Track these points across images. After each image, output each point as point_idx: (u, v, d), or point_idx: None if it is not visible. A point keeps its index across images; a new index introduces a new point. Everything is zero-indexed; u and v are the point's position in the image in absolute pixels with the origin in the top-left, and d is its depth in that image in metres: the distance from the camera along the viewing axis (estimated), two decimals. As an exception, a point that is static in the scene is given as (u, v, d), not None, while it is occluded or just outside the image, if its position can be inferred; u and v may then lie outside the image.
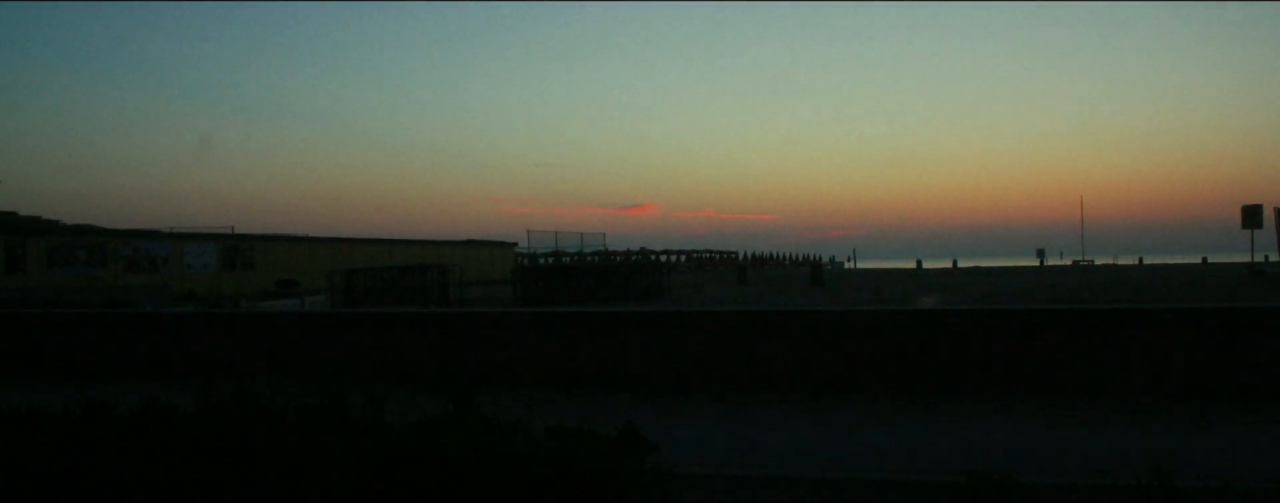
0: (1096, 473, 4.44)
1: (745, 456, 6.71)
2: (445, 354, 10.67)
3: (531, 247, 58.13)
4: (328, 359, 11.08)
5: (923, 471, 6.00)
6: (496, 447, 2.95)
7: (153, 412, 3.49)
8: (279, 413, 3.41)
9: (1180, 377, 8.73)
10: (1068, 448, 6.79)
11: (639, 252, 76.87)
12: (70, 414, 3.50)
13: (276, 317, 12.82)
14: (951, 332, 9.37)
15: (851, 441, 7.33)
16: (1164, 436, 7.39)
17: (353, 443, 3.06)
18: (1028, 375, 9.07)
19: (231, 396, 3.65)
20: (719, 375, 9.81)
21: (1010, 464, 4.20)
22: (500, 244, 71.09)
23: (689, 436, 7.13)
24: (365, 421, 3.30)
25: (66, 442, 3.16)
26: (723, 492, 5.71)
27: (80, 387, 10.71)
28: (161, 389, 6.47)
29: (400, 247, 60.28)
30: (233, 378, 10.94)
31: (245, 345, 11.52)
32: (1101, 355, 8.95)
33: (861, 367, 9.48)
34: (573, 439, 3.07)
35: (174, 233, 47.89)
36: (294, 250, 53.57)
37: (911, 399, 9.02)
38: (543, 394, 9.61)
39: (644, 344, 10.12)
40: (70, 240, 42.63)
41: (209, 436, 3.15)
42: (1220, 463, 6.03)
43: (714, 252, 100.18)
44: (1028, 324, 9.25)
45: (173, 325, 12.09)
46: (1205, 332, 8.78)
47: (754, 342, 9.83)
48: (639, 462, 3.04)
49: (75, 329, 12.37)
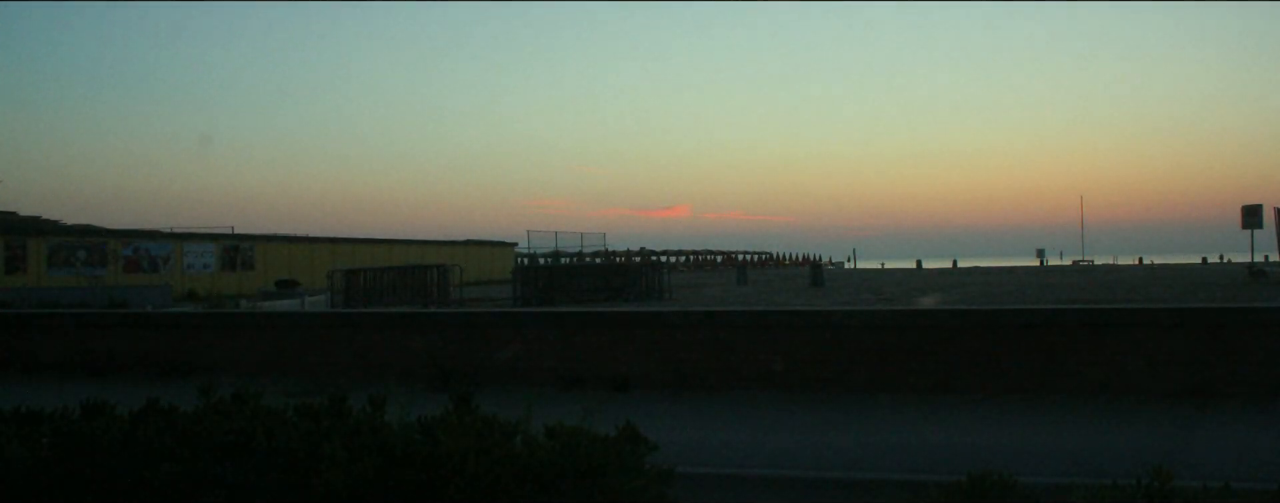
0: (1096, 473, 4.44)
1: (745, 455, 6.71)
2: (445, 354, 10.67)
3: (531, 247, 58.25)
4: (328, 359, 11.09)
5: (923, 471, 5.99)
6: (496, 447, 2.95)
7: (152, 412, 3.49)
8: (279, 413, 3.42)
9: (1180, 377, 8.73)
10: (1067, 448, 6.79)
11: (639, 252, 76.89)
12: (70, 414, 3.50)
13: (276, 317, 12.83)
14: (951, 331, 9.37)
15: (851, 441, 7.33)
16: (1164, 436, 7.39)
17: (353, 443, 3.06)
18: (1027, 375, 9.07)
19: (231, 395, 3.65)
20: (719, 375, 9.81)
21: (1010, 464, 4.20)
22: (500, 244, 71.09)
23: (689, 435, 7.13)
24: (365, 421, 3.30)
25: (66, 442, 3.16)
26: (723, 491, 5.72)
27: (80, 387, 10.71)
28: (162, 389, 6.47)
29: (400, 247, 60.30)
30: (233, 378, 10.91)
31: (245, 345, 11.52)
32: (1101, 355, 8.95)
33: (861, 367, 9.48)
34: (573, 439, 3.07)
35: (174, 233, 47.91)
36: (294, 250, 53.59)
37: (911, 399, 9.02)
38: (543, 394, 9.59)
39: (644, 344, 10.12)
40: (70, 240, 42.64)
41: (208, 435, 3.15)
42: (1220, 463, 6.03)
43: (715, 252, 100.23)
44: (1027, 324, 9.25)
45: (173, 325, 12.09)
46: (1205, 331, 8.78)
47: (754, 342, 9.83)
48: (639, 461, 3.04)
49: (75, 329, 12.37)
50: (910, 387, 9.31)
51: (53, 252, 41.25)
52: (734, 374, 9.78)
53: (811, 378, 9.57)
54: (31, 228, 42.88)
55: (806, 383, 9.56)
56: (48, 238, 41.80)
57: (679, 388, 9.79)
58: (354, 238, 58.64)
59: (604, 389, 9.88)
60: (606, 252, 62.66)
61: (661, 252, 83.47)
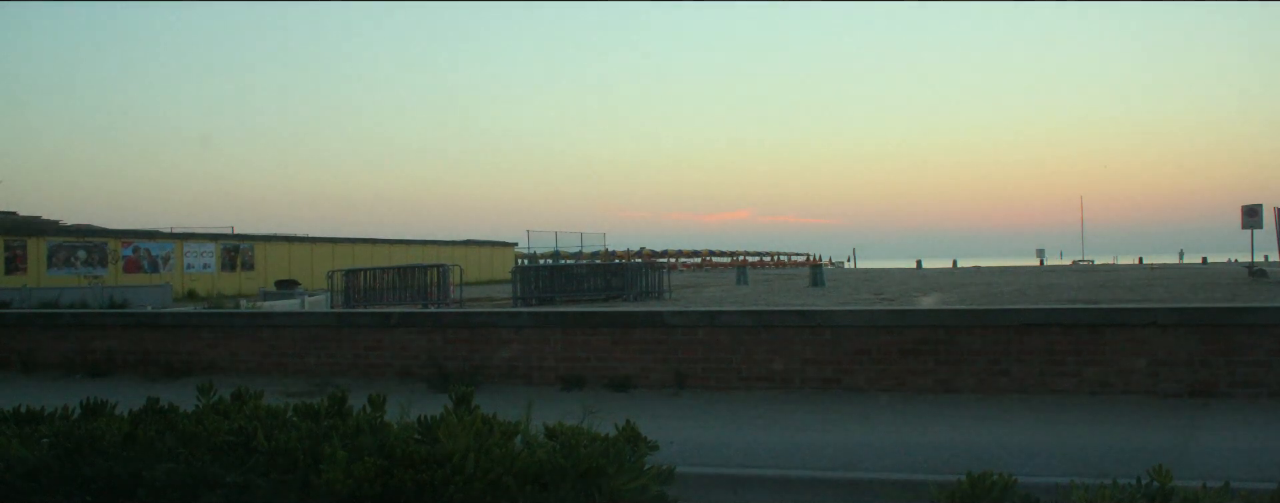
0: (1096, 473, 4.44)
1: (745, 455, 6.71)
2: (445, 354, 10.67)
3: (531, 247, 58.26)
4: (328, 359, 11.09)
5: (923, 471, 5.99)
6: (496, 447, 2.95)
7: (152, 412, 3.49)
8: (279, 413, 3.41)
9: (1180, 377, 8.73)
10: (1067, 448, 6.79)
11: (639, 252, 76.92)
12: (70, 414, 3.50)
13: (276, 317, 12.81)
14: (950, 331, 9.36)
15: (851, 441, 7.33)
16: (1164, 436, 7.39)
17: (353, 443, 3.06)
18: (1027, 375, 9.07)
19: (231, 395, 3.65)
20: (719, 375, 9.81)
21: (1010, 464, 4.20)
22: (500, 244, 71.11)
23: (689, 435, 7.12)
24: (365, 421, 3.30)
25: (66, 442, 3.16)
26: (723, 491, 5.71)
27: (80, 387, 10.71)
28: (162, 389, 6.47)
29: (400, 247, 60.30)
30: (233, 378, 10.89)
31: (245, 346, 11.52)
32: (1101, 355, 8.94)
33: (861, 367, 9.48)
34: (573, 439, 3.07)
35: (174, 233, 47.91)
36: (294, 250, 53.58)
37: (911, 399, 9.02)
38: (542, 394, 9.61)
39: (644, 344, 10.12)
40: (70, 240, 42.63)
41: (208, 435, 3.15)
42: (1220, 463, 6.03)
43: (718, 252, 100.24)
44: (1027, 324, 9.24)
45: (173, 325, 12.09)
46: (1205, 331, 8.78)
47: (754, 342, 9.82)
48: (639, 461, 3.03)
49: (75, 329, 12.36)
50: (910, 387, 9.31)
51: (53, 252, 41.24)
52: (734, 374, 9.78)
53: (811, 378, 9.57)
54: (31, 228, 42.84)
55: (806, 383, 9.56)
56: (48, 238, 41.78)
57: (679, 388, 9.79)
58: (354, 238, 58.61)
59: (604, 389, 9.88)
60: (606, 252, 62.71)
61: (662, 252, 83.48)
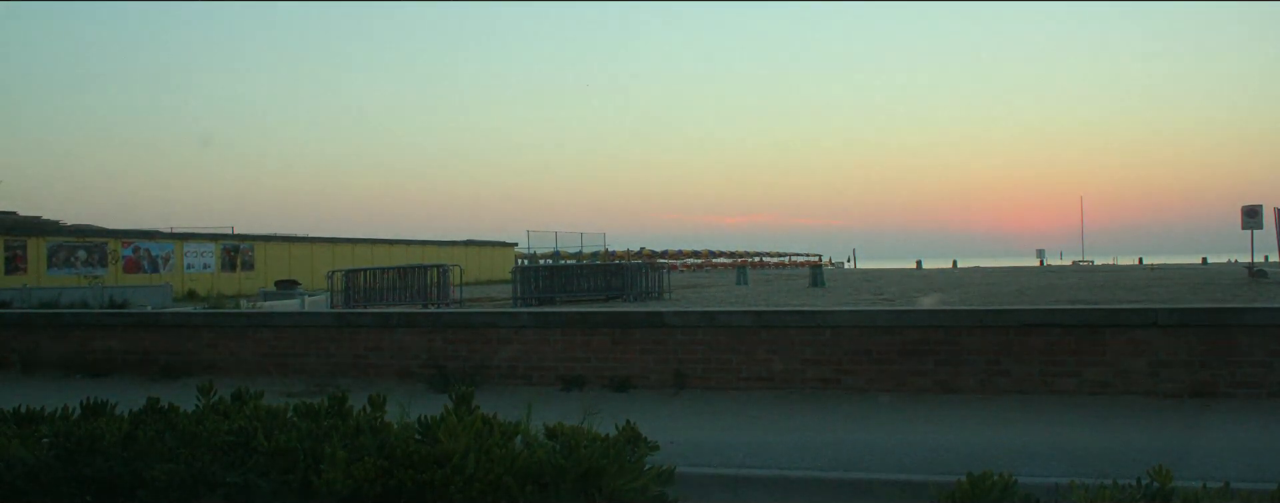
0: (1096, 473, 4.44)
1: (745, 455, 6.70)
2: (445, 354, 10.67)
3: (532, 247, 58.28)
4: (328, 359, 11.09)
5: (922, 471, 5.99)
6: (496, 447, 2.95)
7: (152, 412, 3.49)
8: (279, 413, 3.41)
9: (1180, 377, 8.73)
10: (1068, 448, 6.79)
11: (639, 252, 76.91)
12: (70, 414, 3.50)
13: (276, 317, 12.81)
14: (950, 331, 9.36)
15: (851, 441, 7.33)
16: (1164, 436, 7.39)
17: (353, 443, 3.06)
18: (1027, 375, 9.07)
19: (231, 395, 3.65)
20: (719, 375, 9.81)
21: (1010, 464, 4.20)
22: (500, 244, 71.11)
23: (689, 435, 7.12)
24: (365, 421, 3.30)
25: (66, 442, 3.16)
26: (723, 491, 5.71)
27: (80, 387, 10.71)
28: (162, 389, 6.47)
29: (400, 247, 60.30)
30: (233, 378, 10.89)
31: (245, 346, 11.52)
32: (1101, 355, 8.94)
33: (861, 367, 9.48)
34: (573, 439, 3.07)
35: (174, 233, 47.90)
36: (294, 250, 53.58)
37: (911, 399, 9.02)
38: (542, 394, 9.61)
39: (644, 344, 10.12)
40: (70, 240, 42.62)
41: (209, 435, 3.15)
42: (1220, 463, 6.03)
43: (719, 252, 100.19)
44: (1027, 324, 9.24)
45: (173, 325, 12.09)
46: (1205, 331, 8.78)
47: (754, 342, 9.82)
48: (640, 462, 3.03)
49: (75, 329, 12.36)
50: (910, 387, 9.31)
51: (53, 252, 41.23)
52: (734, 374, 9.78)
53: (811, 378, 9.57)
54: (31, 228, 42.83)
55: (806, 383, 9.56)
56: (48, 238, 41.77)
57: (679, 388, 9.79)
58: (354, 238, 58.60)
59: (604, 389, 9.88)
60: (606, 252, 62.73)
61: (662, 252, 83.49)
